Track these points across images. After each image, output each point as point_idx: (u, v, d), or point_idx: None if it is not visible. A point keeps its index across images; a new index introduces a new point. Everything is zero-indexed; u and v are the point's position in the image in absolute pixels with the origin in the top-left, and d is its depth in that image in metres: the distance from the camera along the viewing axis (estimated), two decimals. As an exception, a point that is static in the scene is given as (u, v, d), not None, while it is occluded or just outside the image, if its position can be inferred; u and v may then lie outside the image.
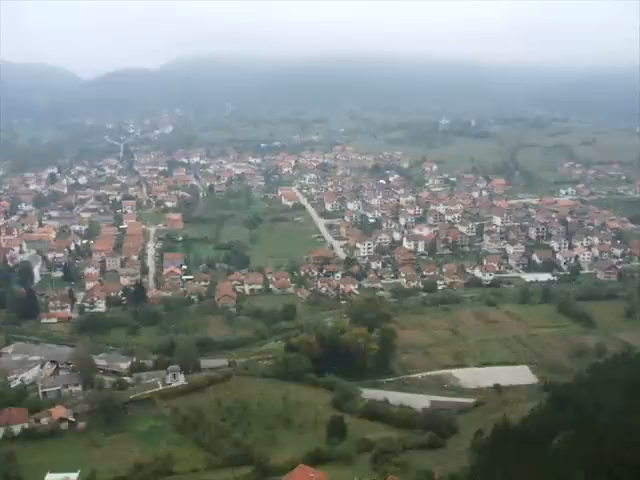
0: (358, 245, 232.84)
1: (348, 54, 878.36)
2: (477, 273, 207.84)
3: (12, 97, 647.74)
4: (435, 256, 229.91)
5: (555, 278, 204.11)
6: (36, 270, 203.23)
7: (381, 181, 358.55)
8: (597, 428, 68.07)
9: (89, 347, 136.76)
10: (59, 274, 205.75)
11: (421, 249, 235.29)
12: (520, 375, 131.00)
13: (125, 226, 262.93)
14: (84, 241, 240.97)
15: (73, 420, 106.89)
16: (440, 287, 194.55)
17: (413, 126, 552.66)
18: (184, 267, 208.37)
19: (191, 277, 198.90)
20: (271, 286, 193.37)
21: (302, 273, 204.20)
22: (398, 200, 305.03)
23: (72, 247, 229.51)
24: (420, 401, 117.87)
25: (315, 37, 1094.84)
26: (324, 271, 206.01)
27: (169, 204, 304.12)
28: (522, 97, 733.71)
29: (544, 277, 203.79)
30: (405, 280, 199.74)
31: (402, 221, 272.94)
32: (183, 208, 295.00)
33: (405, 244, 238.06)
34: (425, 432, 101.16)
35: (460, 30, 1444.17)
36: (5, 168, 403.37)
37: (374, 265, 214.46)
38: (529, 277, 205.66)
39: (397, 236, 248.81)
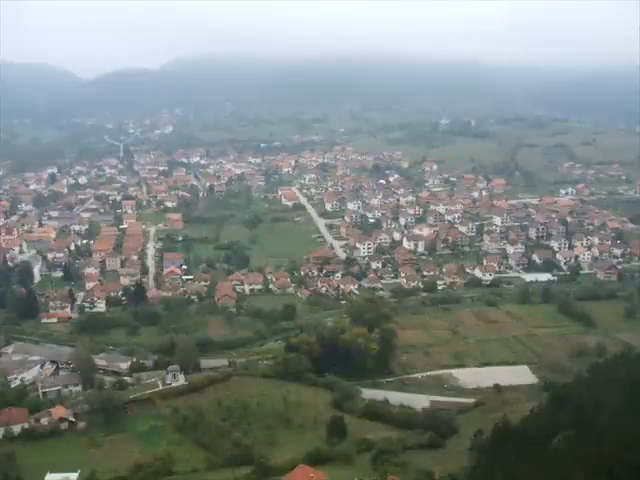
0: (358, 245, 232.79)
1: (348, 54, 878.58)
2: (477, 273, 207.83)
3: (12, 97, 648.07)
4: (435, 256, 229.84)
5: (555, 278, 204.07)
6: (36, 270, 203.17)
7: (381, 181, 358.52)
8: (597, 428, 67.93)
9: (89, 347, 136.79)
10: (59, 274, 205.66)
11: (421, 249, 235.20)
12: (520, 375, 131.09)
13: (125, 226, 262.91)
14: (84, 241, 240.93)
15: (73, 420, 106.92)
16: (440, 287, 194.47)
17: (413, 126, 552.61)
18: (184, 267, 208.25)
19: (191, 277, 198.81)
20: (271, 286, 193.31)
21: (302, 273, 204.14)
22: (398, 200, 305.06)
23: (72, 247, 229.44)
24: (420, 401, 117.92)
25: (315, 37, 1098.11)
26: (324, 271, 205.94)
27: (169, 204, 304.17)
28: (522, 97, 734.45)
29: (544, 277, 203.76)
30: (405, 280, 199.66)
31: (402, 221, 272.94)
32: (183, 208, 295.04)
33: (405, 244, 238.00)
34: (425, 432, 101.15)
35: (460, 30, 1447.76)
36: (5, 168, 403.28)
37: (374, 265, 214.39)
38: (529, 277, 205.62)
39: (397, 236, 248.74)
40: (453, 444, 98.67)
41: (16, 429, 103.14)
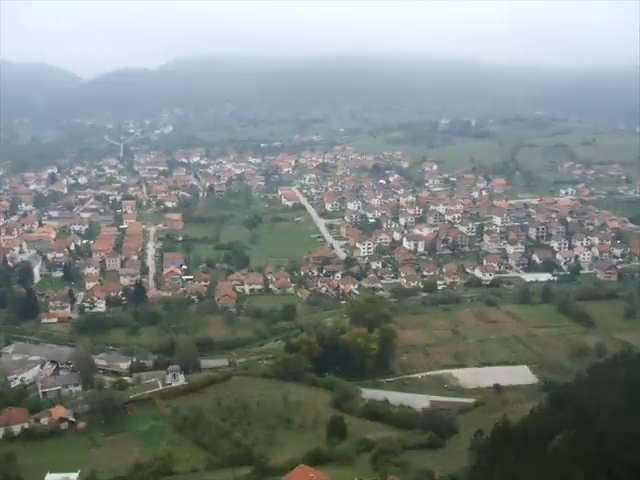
0: (358, 245, 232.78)
1: (348, 54, 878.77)
2: (477, 273, 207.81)
3: (12, 97, 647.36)
4: (435, 256, 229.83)
5: (555, 278, 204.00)
6: (36, 270, 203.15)
7: (381, 181, 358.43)
8: (597, 428, 67.92)
9: (89, 347, 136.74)
10: (59, 274, 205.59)
11: (421, 249, 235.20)
12: (520, 375, 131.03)
13: (125, 226, 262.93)
14: (84, 241, 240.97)
15: (73, 420, 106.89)
16: (440, 287, 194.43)
17: (413, 126, 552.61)
18: (184, 267, 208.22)
19: (191, 277, 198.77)
20: (271, 286, 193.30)
21: (302, 273, 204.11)
22: (398, 200, 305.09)
23: (72, 247, 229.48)
24: (420, 401, 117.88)
25: (315, 37, 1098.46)
26: (324, 271, 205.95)
27: (169, 204, 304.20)
28: (522, 97, 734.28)
29: (544, 277, 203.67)
30: (405, 280, 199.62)
31: (402, 221, 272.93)
32: (183, 208, 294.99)
33: (405, 244, 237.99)
34: (425, 432, 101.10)
35: (460, 30, 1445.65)
36: (5, 168, 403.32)
37: (374, 265, 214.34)
38: (529, 277, 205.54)
39: (397, 236, 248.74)
40: (453, 444, 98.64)
41: (16, 429, 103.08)
